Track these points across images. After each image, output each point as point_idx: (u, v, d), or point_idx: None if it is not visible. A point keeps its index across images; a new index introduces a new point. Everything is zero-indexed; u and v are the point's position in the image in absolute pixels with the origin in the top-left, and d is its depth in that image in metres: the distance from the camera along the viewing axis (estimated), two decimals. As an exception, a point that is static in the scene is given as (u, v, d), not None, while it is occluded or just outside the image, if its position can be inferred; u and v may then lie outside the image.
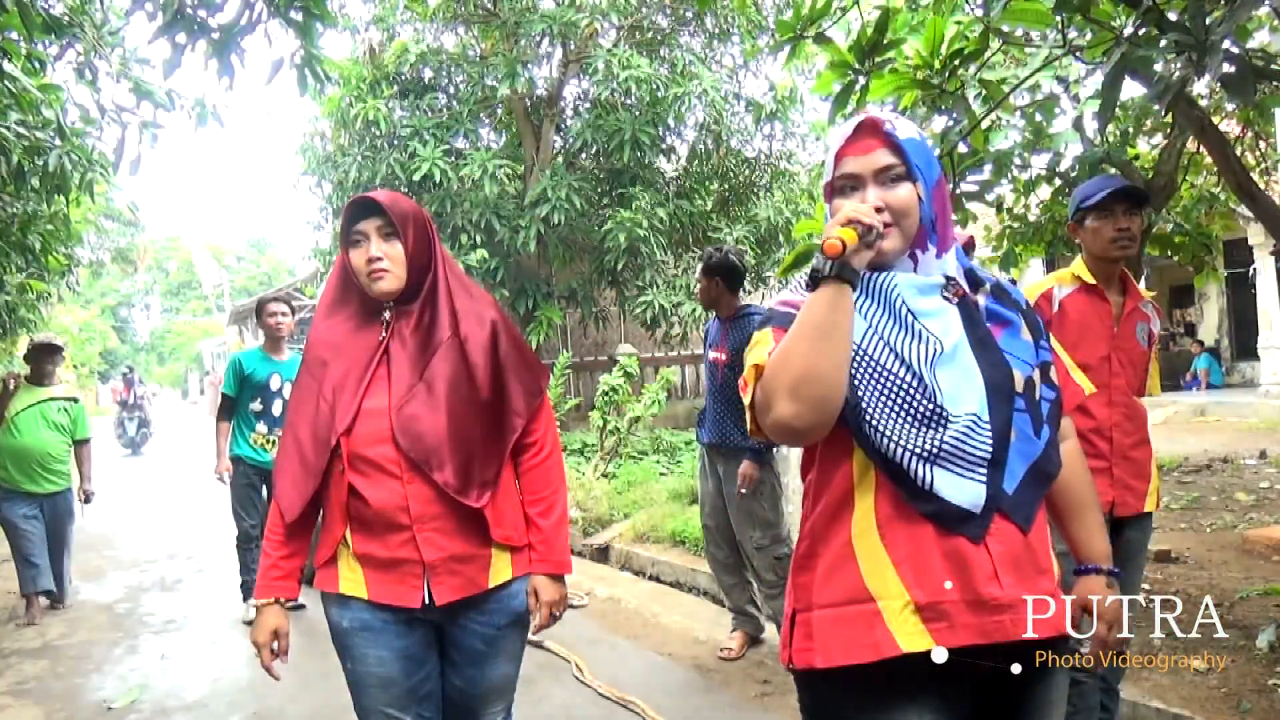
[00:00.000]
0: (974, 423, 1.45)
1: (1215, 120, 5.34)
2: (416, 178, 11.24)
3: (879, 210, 1.47)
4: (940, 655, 1.41)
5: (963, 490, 1.43)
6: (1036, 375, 1.56)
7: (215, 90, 10.35)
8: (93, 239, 10.90)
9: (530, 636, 2.24)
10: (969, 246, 2.48)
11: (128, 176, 6.89)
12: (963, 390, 1.46)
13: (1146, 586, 4.78)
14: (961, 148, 4.18)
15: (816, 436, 1.44)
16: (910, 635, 1.41)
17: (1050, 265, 17.38)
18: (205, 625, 5.72)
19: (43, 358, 5.96)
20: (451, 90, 12.94)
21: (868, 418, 1.45)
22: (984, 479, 1.44)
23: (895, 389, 1.45)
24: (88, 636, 5.57)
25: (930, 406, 1.44)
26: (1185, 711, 3.30)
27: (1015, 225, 7.39)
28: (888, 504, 1.46)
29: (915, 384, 1.45)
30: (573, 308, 13.20)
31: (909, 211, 1.50)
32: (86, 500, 6.18)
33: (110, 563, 7.90)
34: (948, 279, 1.55)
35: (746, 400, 1.47)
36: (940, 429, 1.43)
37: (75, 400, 6.15)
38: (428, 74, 12.57)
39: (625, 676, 4.30)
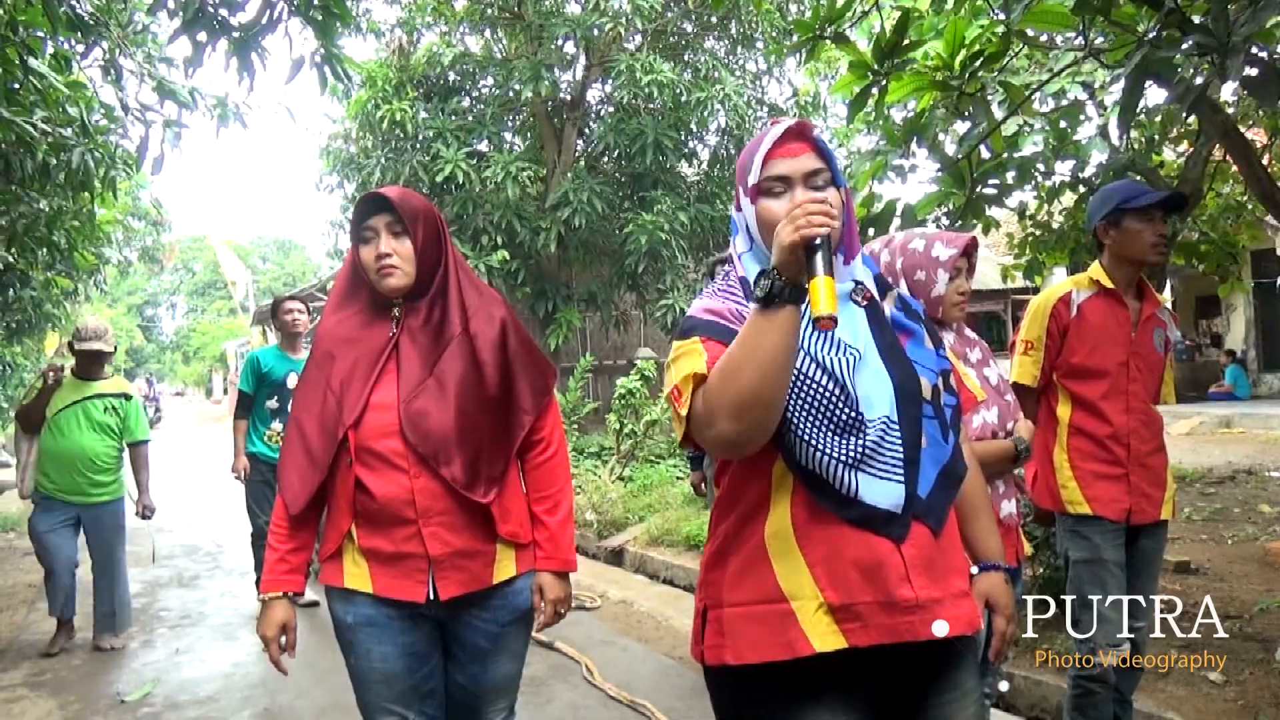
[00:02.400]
0: (886, 425, 1.48)
1: (1241, 130, 5.26)
2: (440, 179, 11.29)
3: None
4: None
5: (884, 492, 1.47)
6: (940, 383, 1.61)
7: (237, 90, 10.50)
8: (119, 238, 11.02)
9: (539, 636, 2.27)
10: (971, 248, 2.45)
11: (151, 175, 6.98)
12: (874, 394, 1.49)
13: (1165, 598, 4.72)
14: (982, 153, 4.15)
15: (753, 450, 1.46)
16: (824, 635, 1.45)
17: (1074, 272, 17.28)
18: (220, 621, 5.76)
19: (88, 360, 5.04)
20: (475, 93, 13.00)
21: (794, 429, 1.47)
22: (902, 479, 1.48)
23: (820, 400, 1.47)
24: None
25: (851, 414, 1.47)
26: (1201, 724, 3.25)
27: (1038, 233, 7.33)
28: (804, 508, 1.49)
29: (838, 393, 1.47)
30: (592, 311, 13.21)
31: (839, 216, 1.50)
32: (144, 515, 5.24)
33: (130, 558, 7.94)
34: (857, 283, 1.58)
35: (682, 410, 1.47)
36: (859, 435, 1.46)
37: (127, 397, 5.19)
38: (452, 77, 12.64)
39: (635, 679, 4.29)
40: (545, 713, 3.94)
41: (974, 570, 1.71)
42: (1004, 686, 1.65)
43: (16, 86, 5.02)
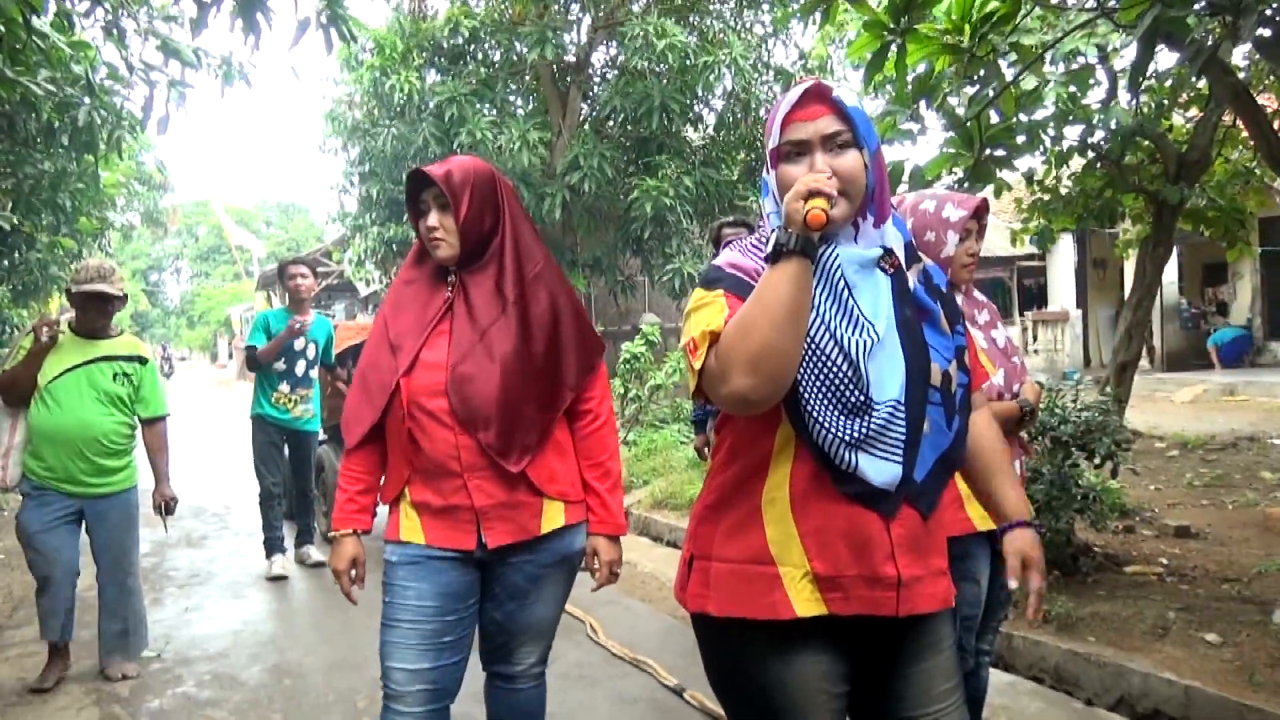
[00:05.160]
0: (894, 408, 1.49)
1: (1253, 95, 5.22)
2: (466, 144, 11.16)
3: (829, 178, 1.48)
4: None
5: (882, 471, 1.49)
6: (953, 367, 1.60)
7: (242, 50, 10.44)
8: (122, 201, 11.01)
9: (595, 585, 2.33)
10: (982, 209, 2.45)
11: (156, 136, 6.96)
12: (887, 377, 1.50)
13: (1165, 561, 4.76)
14: (992, 116, 4.12)
15: (766, 407, 1.47)
16: (806, 602, 1.50)
17: (1081, 239, 17.20)
18: (228, 580, 5.82)
19: (91, 308, 3.90)
20: (481, 57, 12.88)
21: (804, 404, 1.48)
22: (900, 460, 1.50)
23: (832, 379, 1.48)
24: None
25: (861, 398, 1.48)
26: (1197, 683, 3.29)
27: (1046, 198, 7.30)
28: (804, 478, 1.52)
29: (851, 375, 1.48)
30: (597, 276, 13.18)
31: (856, 178, 1.51)
32: (165, 509, 4.13)
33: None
34: (885, 250, 1.56)
35: (696, 364, 1.49)
36: (866, 418, 1.48)
37: (142, 360, 4.05)
38: (459, 40, 12.52)
39: (639, 638, 4.34)
40: (551, 670, 3.94)
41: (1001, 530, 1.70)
42: (1013, 584, 1.66)
43: (19, 46, 4.99)
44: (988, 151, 3.96)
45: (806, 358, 1.48)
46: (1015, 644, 3.92)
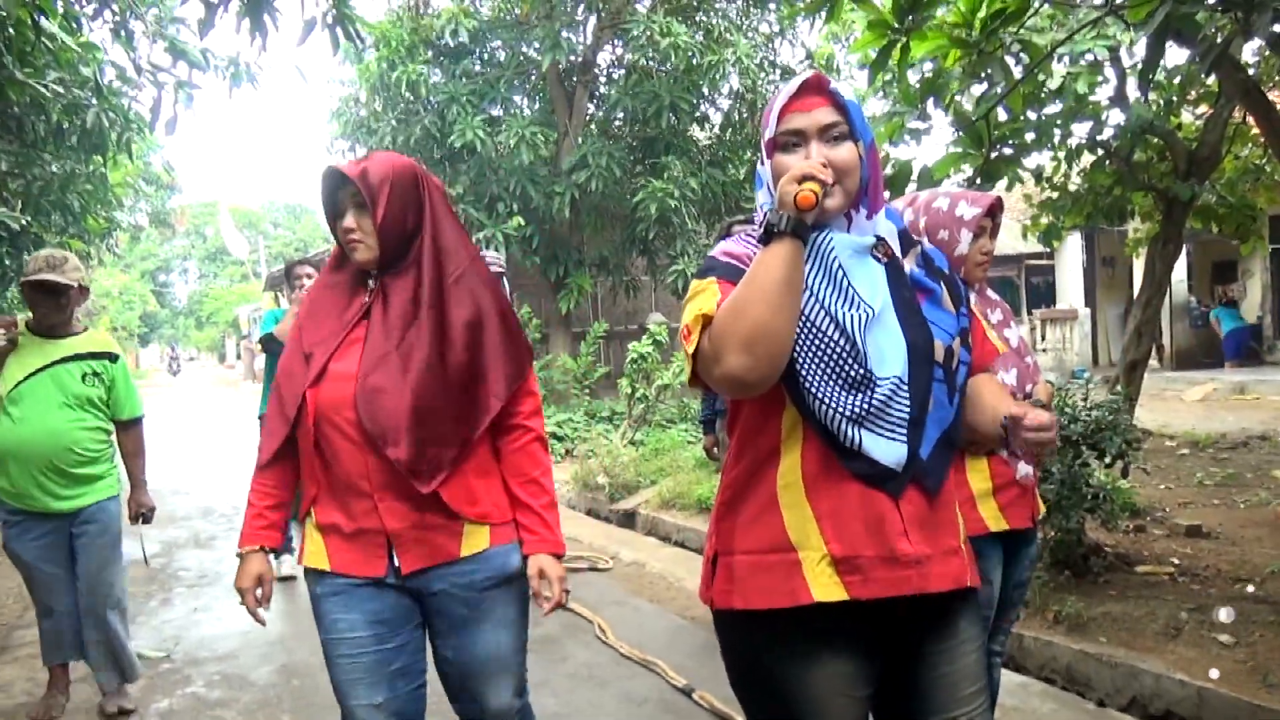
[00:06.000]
0: (897, 385, 1.50)
1: (1264, 92, 5.18)
2: (458, 145, 11.21)
3: (824, 167, 1.49)
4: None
5: (888, 450, 1.50)
6: (956, 343, 1.61)
7: (249, 51, 10.45)
8: (130, 202, 11.02)
9: (547, 608, 2.10)
10: (996, 207, 2.44)
11: (164, 137, 6.97)
12: (887, 353, 1.51)
13: (1176, 561, 4.74)
14: (1000, 114, 4.10)
15: (763, 389, 1.48)
16: (825, 586, 1.50)
17: (1089, 237, 17.14)
18: (237, 580, 5.81)
19: (42, 302, 3.46)
20: (486, 55, 12.89)
21: (803, 381, 1.49)
22: (905, 439, 1.51)
23: (830, 354, 1.49)
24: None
25: (860, 371, 1.48)
26: (1210, 684, 3.27)
27: (1055, 195, 7.26)
28: (815, 460, 1.53)
29: (849, 349, 1.48)
30: (604, 276, 13.18)
31: (851, 170, 1.53)
32: (141, 519, 3.76)
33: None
34: (878, 239, 1.58)
35: (690, 349, 1.51)
36: (867, 392, 1.49)
37: (113, 357, 3.62)
38: (464, 38, 12.54)
39: (648, 638, 4.33)
40: (559, 671, 4.00)
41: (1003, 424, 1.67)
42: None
43: (28, 48, 5.00)
44: (997, 150, 3.95)
45: (803, 335, 1.49)
46: (1026, 644, 3.91)
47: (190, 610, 5.18)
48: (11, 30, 4.55)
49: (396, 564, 1.98)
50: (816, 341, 1.49)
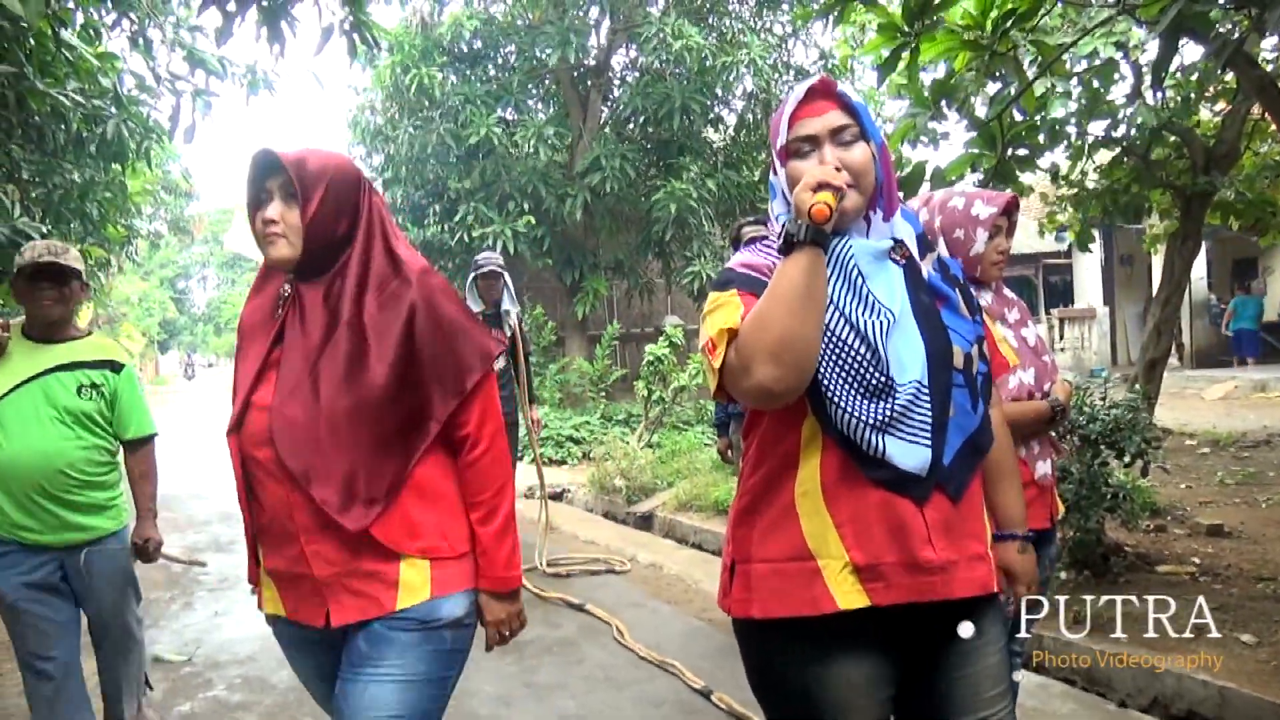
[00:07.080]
0: (917, 389, 1.50)
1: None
2: (473, 142, 11.26)
3: (838, 170, 1.49)
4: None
5: (911, 455, 1.49)
6: (974, 350, 1.61)
7: (266, 59, 10.55)
8: (149, 210, 11.12)
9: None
10: (1012, 206, 2.44)
11: (183, 145, 7.03)
12: (907, 358, 1.50)
13: (1197, 560, 4.70)
14: (1015, 115, 4.09)
15: (790, 399, 1.47)
16: (848, 594, 1.49)
17: (1107, 235, 17.02)
18: (258, 584, 5.85)
19: (43, 292, 2.93)
20: (499, 60, 12.95)
21: (825, 391, 1.49)
22: (929, 443, 1.50)
23: (851, 363, 1.49)
24: (144, 594, 5.70)
25: (881, 379, 1.48)
26: (1232, 684, 3.25)
27: (1074, 193, 7.24)
28: (834, 468, 1.52)
29: (870, 357, 1.48)
30: (619, 279, 13.19)
31: (866, 171, 1.53)
32: (144, 555, 3.22)
33: (166, 524, 8.00)
34: (896, 242, 1.58)
35: (715, 363, 1.50)
36: (889, 399, 1.48)
37: (116, 367, 3.10)
38: (478, 44, 12.61)
39: (665, 640, 4.34)
40: (576, 673, 4.01)
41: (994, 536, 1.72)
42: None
43: (49, 59, 5.06)
44: (1010, 151, 3.94)
45: (824, 345, 1.48)
46: (1046, 645, 3.89)
47: (211, 614, 5.22)
48: (33, 41, 4.60)
49: (329, 616, 1.75)
50: (838, 351, 1.49)
